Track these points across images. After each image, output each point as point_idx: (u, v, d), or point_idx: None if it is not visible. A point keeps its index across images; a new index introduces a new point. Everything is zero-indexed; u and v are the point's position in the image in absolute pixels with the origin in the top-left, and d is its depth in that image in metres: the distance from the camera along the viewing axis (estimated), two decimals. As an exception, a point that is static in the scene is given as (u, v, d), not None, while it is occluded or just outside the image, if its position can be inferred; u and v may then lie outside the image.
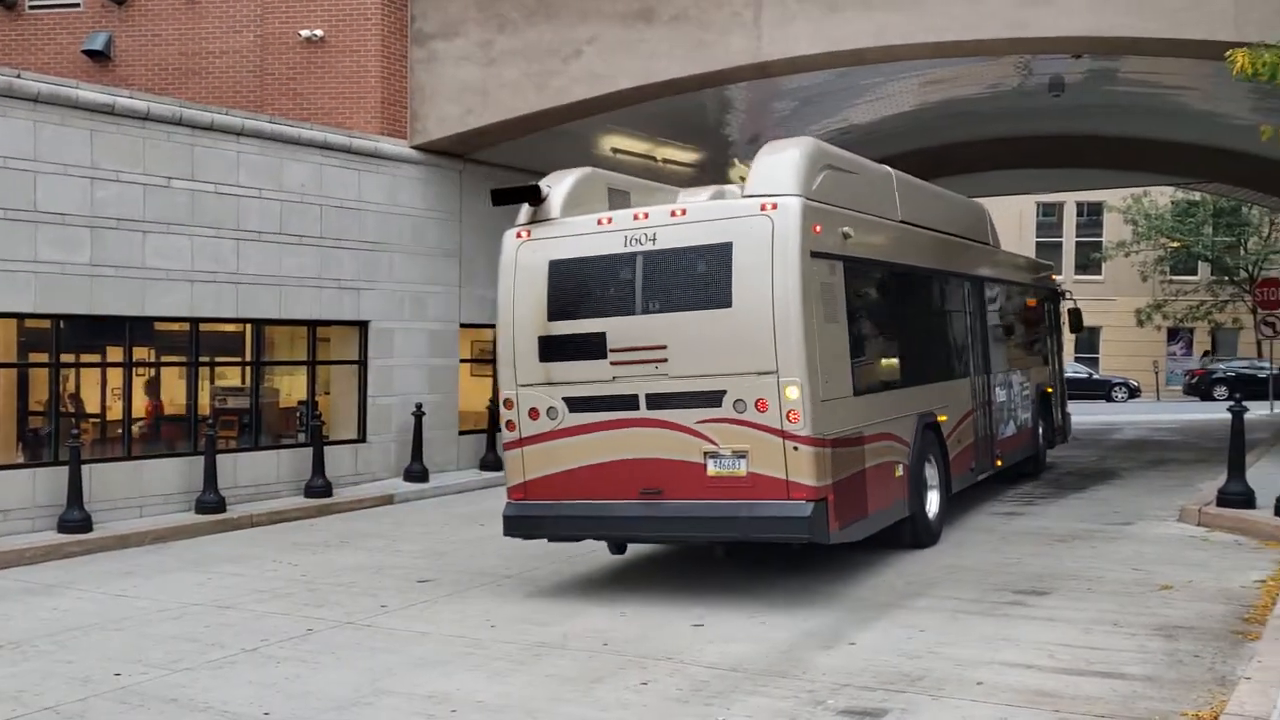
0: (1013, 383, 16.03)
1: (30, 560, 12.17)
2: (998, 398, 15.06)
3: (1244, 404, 13.27)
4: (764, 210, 9.38)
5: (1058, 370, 19.54)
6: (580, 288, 10.01)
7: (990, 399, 14.69)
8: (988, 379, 14.71)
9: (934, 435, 12.15)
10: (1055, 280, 20.97)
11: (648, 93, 17.18)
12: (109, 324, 14.24)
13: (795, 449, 9.19)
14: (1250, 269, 44.89)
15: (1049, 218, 49.81)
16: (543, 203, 10.35)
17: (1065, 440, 20.04)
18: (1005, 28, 15.32)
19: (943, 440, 12.40)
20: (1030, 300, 18.03)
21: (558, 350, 10.01)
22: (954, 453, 12.83)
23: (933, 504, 11.93)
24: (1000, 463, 15.05)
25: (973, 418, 13.85)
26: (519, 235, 10.32)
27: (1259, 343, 36.94)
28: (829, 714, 6.64)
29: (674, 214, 9.81)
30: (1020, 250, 26.74)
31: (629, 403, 9.73)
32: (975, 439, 13.88)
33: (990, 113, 24.52)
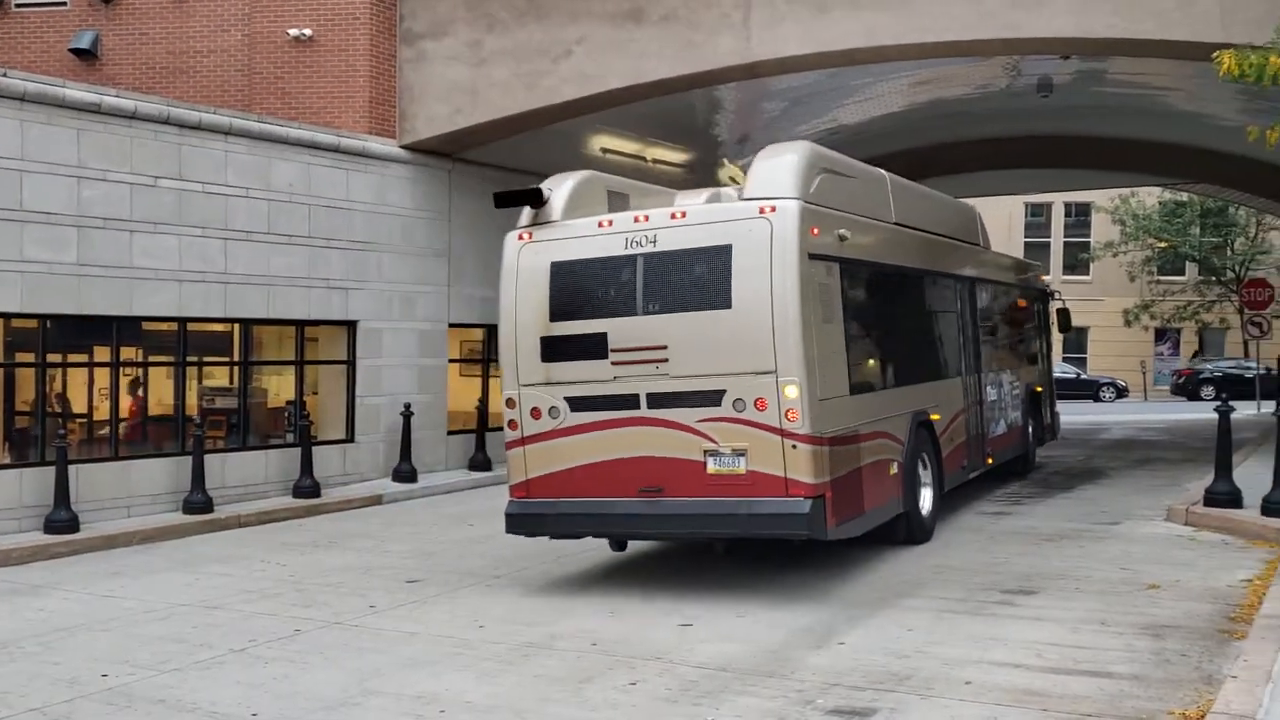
0: (1003, 382, 16.20)
1: (17, 561, 12.11)
2: (989, 397, 15.24)
3: (1230, 404, 13.32)
4: (763, 213, 9.54)
5: (1047, 370, 19.78)
6: (582, 289, 10.17)
7: (981, 398, 14.86)
8: (979, 378, 14.87)
9: (927, 434, 12.29)
10: (1044, 280, 21.11)
11: (637, 93, 17.18)
12: (96, 324, 14.19)
13: (794, 447, 9.33)
14: (1237, 269, 45.06)
15: (1037, 218, 49.95)
16: (544, 205, 10.49)
17: (1054, 438, 20.26)
18: (994, 28, 15.36)
19: (936, 438, 12.57)
20: (1020, 300, 18.22)
21: (559, 350, 10.16)
22: (946, 451, 12.98)
23: (926, 501, 12.09)
24: (991, 461, 15.21)
25: (964, 416, 14.01)
26: (521, 237, 10.48)
27: (1246, 343, 37.06)
28: (818, 714, 6.65)
29: (674, 216, 9.97)
30: (1009, 250, 26.84)
31: (630, 402, 9.88)
32: (967, 437, 14.04)
33: (979, 113, 24.57)
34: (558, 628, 8.84)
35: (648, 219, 10.03)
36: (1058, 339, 23.76)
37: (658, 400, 9.78)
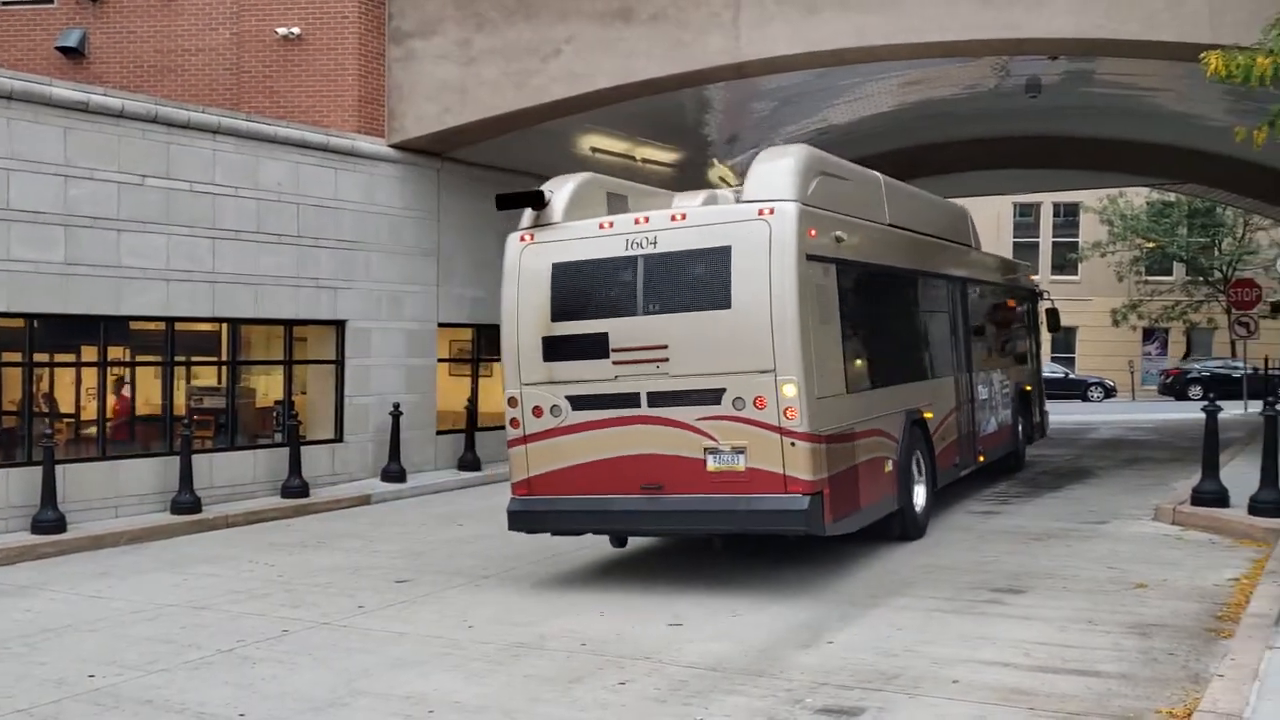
0: (994, 381, 16.39)
1: (3, 561, 12.05)
2: (980, 395, 15.43)
3: (1218, 404, 13.41)
4: (761, 215, 9.71)
5: (1036, 369, 19.99)
6: (583, 289, 10.33)
7: (973, 397, 15.06)
8: (970, 377, 15.06)
9: (921, 431, 12.47)
10: (1033, 281, 21.24)
11: (626, 92, 17.17)
12: (83, 323, 14.13)
13: (792, 444, 9.49)
14: (1224, 269, 45.24)
15: (1026, 218, 50.07)
16: (545, 207, 10.62)
17: (1044, 436, 20.48)
18: (983, 29, 15.39)
19: (929, 436, 12.74)
20: (1010, 300, 18.42)
21: (561, 350, 10.30)
22: (939, 448, 13.17)
23: (920, 498, 12.27)
24: (983, 458, 15.42)
25: (957, 415, 14.19)
26: (523, 239, 10.62)
27: (1233, 343, 37.23)
28: (807, 713, 6.66)
29: (674, 218, 10.12)
30: (997, 250, 26.89)
31: (631, 400, 10.04)
32: (959, 435, 14.22)
33: (968, 114, 24.62)
34: (547, 627, 8.83)
35: (648, 221, 10.18)
36: (1046, 339, 23.87)
37: (658, 399, 9.94)
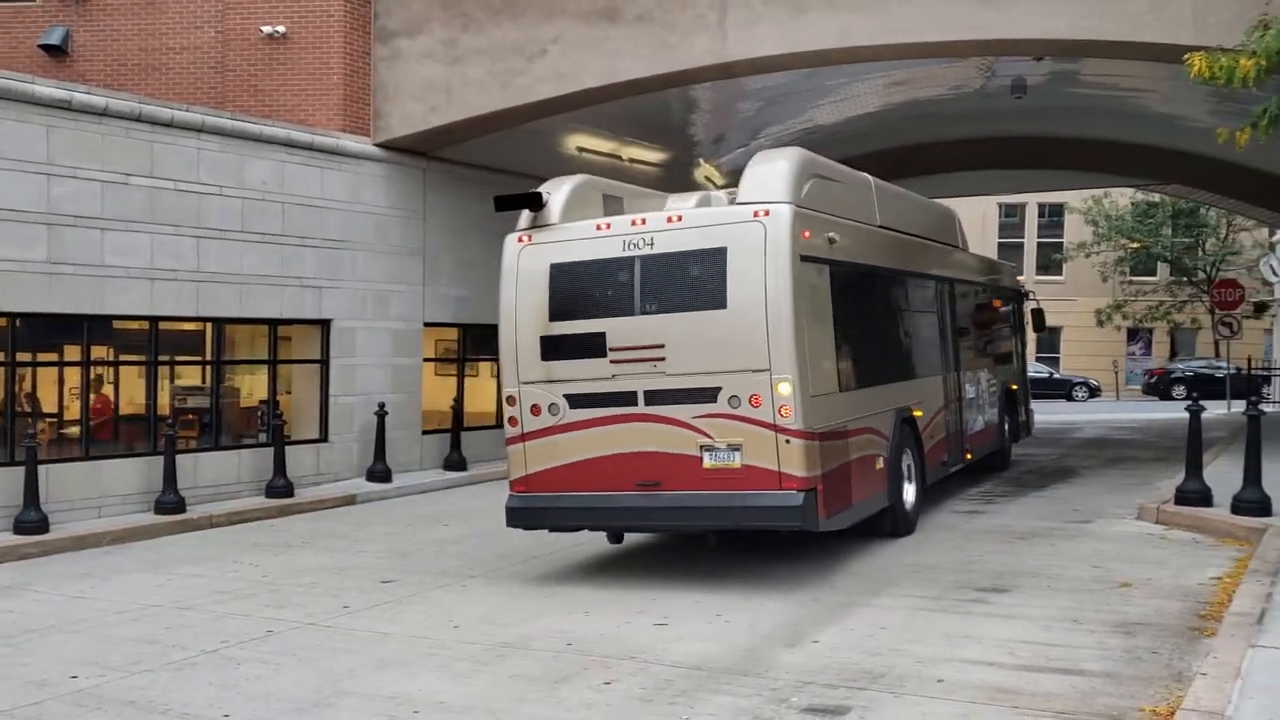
0: (981, 380, 16.62)
1: (-15, 562, 11.99)
2: (968, 394, 15.64)
3: (1201, 403, 13.47)
4: (757, 217, 9.89)
5: (1022, 368, 20.22)
6: (580, 290, 10.49)
7: (961, 395, 15.27)
8: (958, 376, 15.26)
9: (910, 429, 12.64)
10: (1019, 281, 21.39)
11: (612, 92, 17.16)
12: (67, 322, 14.05)
13: (787, 442, 9.67)
14: (1208, 270, 45.47)
15: (1011, 218, 50.24)
16: (543, 209, 10.75)
17: (1029, 435, 20.64)
18: (969, 29, 15.43)
19: (918, 434, 12.93)
20: (997, 301, 18.66)
21: (559, 349, 10.45)
22: (928, 446, 13.35)
23: (910, 495, 12.46)
24: (970, 456, 15.63)
25: (945, 413, 14.38)
26: (520, 240, 10.76)
27: (1216, 343, 37.41)
28: (792, 712, 6.66)
29: (670, 219, 10.28)
30: (983, 251, 26.97)
31: (628, 399, 10.20)
32: (947, 433, 14.42)
33: (953, 114, 24.67)
34: (533, 627, 8.82)
35: (645, 222, 10.35)
36: (1032, 339, 23.96)
37: (655, 397, 10.10)
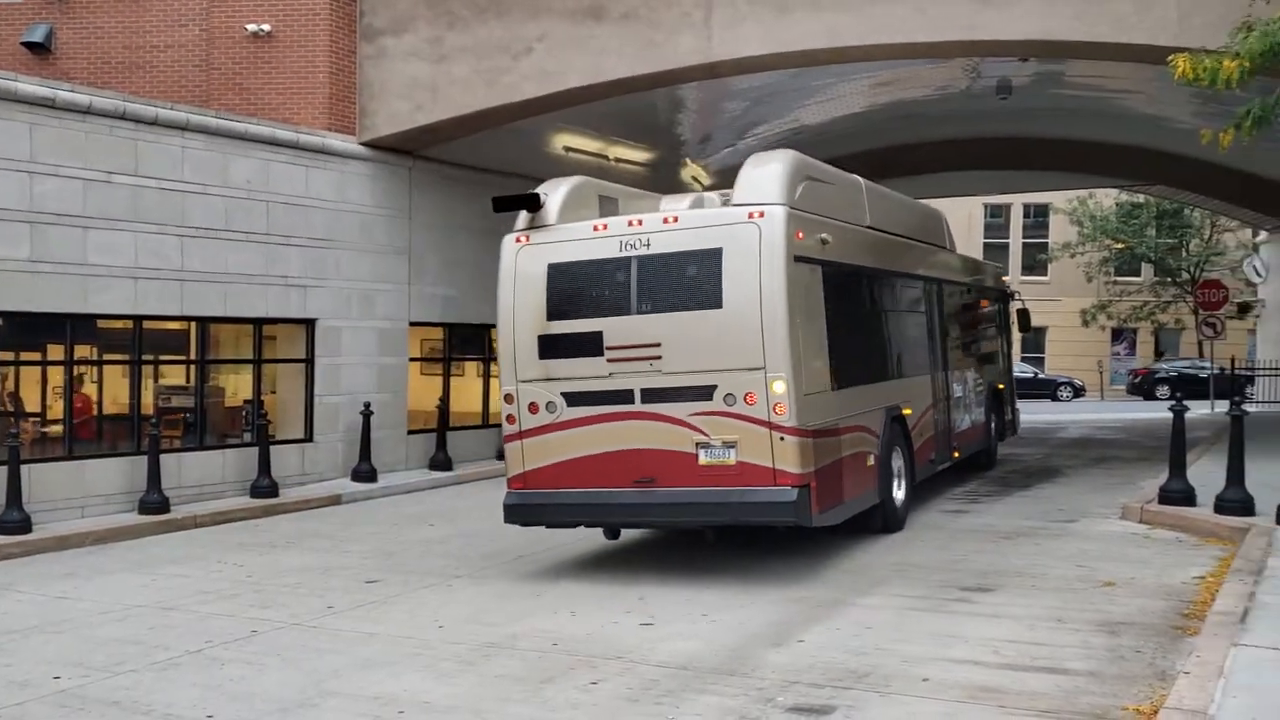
0: (968, 379, 16.82)
1: (-33, 562, 11.92)
2: (955, 393, 15.83)
3: (1185, 403, 13.54)
4: (752, 218, 10.07)
5: (1008, 368, 20.40)
6: (578, 289, 10.65)
7: (949, 394, 15.45)
8: (946, 375, 15.43)
9: (900, 428, 12.81)
10: (1005, 282, 21.49)
11: (598, 91, 17.14)
12: (49, 321, 13.97)
13: (781, 439, 9.84)
14: (1192, 270, 45.66)
15: (996, 219, 50.37)
16: (540, 209, 10.90)
17: (1015, 434, 20.82)
18: (954, 30, 15.46)
19: (908, 432, 13.09)
20: (984, 301, 18.85)
21: (556, 348, 10.60)
22: (917, 444, 13.53)
23: (900, 491, 12.63)
24: (957, 454, 15.83)
25: (933, 412, 14.56)
26: (518, 240, 10.93)
27: (1200, 343, 37.58)
28: (778, 711, 6.66)
29: (666, 221, 10.45)
30: (968, 251, 27.03)
31: (625, 397, 10.36)
32: (936, 432, 14.60)
33: (939, 115, 24.72)
34: (518, 627, 8.81)
35: (641, 223, 10.52)
36: (1017, 338, 24.06)
37: (651, 395, 10.26)
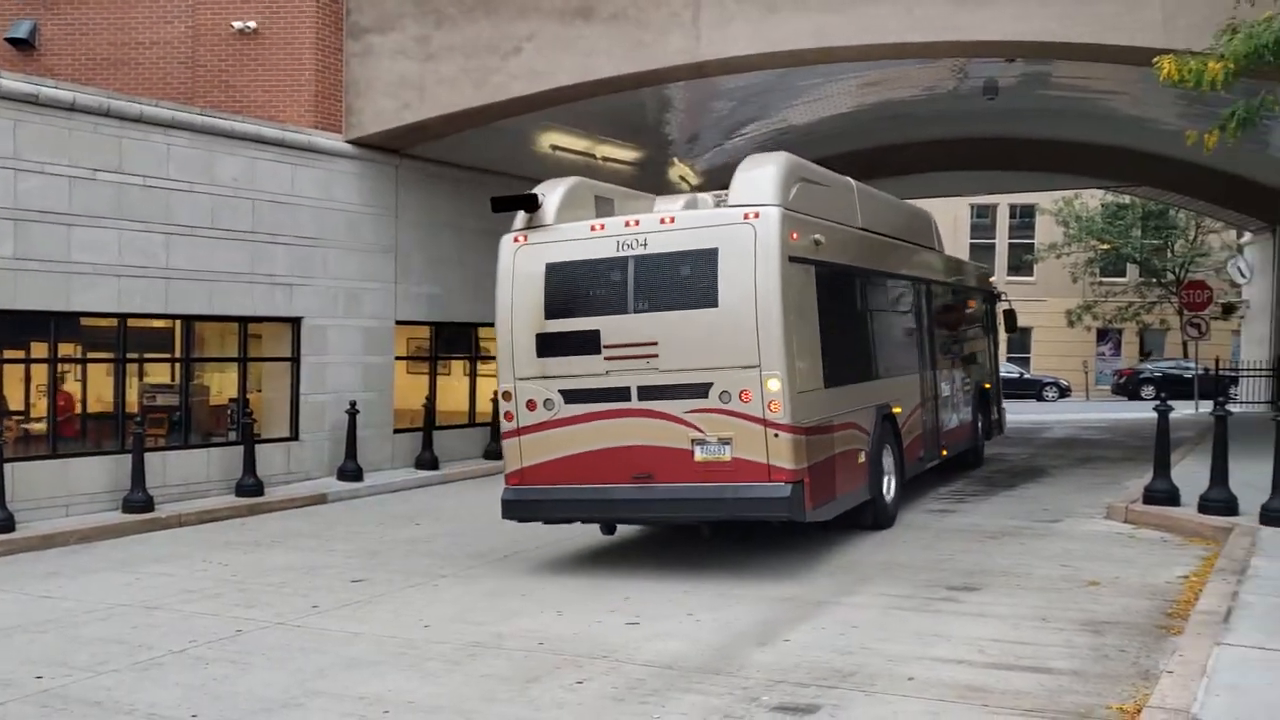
0: (956, 379, 17.01)
1: (-51, 561, 11.86)
2: (944, 392, 16.01)
3: (1169, 404, 13.60)
4: (747, 219, 10.27)
5: (994, 368, 20.56)
6: (575, 288, 10.82)
7: (937, 393, 15.62)
8: (935, 375, 15.59)
9: (890, 426, 12.96)
10: (992, 283, 21.59)
11: (586, 90, 17.12)
12: (33, 319, 13.90)
13: (776, 436, 10.02)
14: (1177, 271, 45.87)
15: (983, 219, 50.49)
16: (538, 210, 11.04)
17: (1001, 433, 20.97)
18: (941, 30, 15.50)
19: (898, 430, 13.25)
20: (971, 301, 19.02)
21: (554, 346, 10.76)
22: (907, 442, 13.69)
23: (890, 489, 12.78)
24: (946, 452, 16.00)
25: (922, 410, 14.72)
26: (516, 240, 11.09)
27: (1185, 344, 37.73)
28: (763, 710, 6.67)
29: (663, 221, 10.62)
30: (955, 251, 27.10)
31: (622, 394, 10.52)
32: (924, 430, 14.76)
33: (926, 115, 24.77)
34: (504, 627, 8.80)
35: (638, 223, 10.67)
36: (1004, 339, 24.14)
37: (648, 393, 10.42)
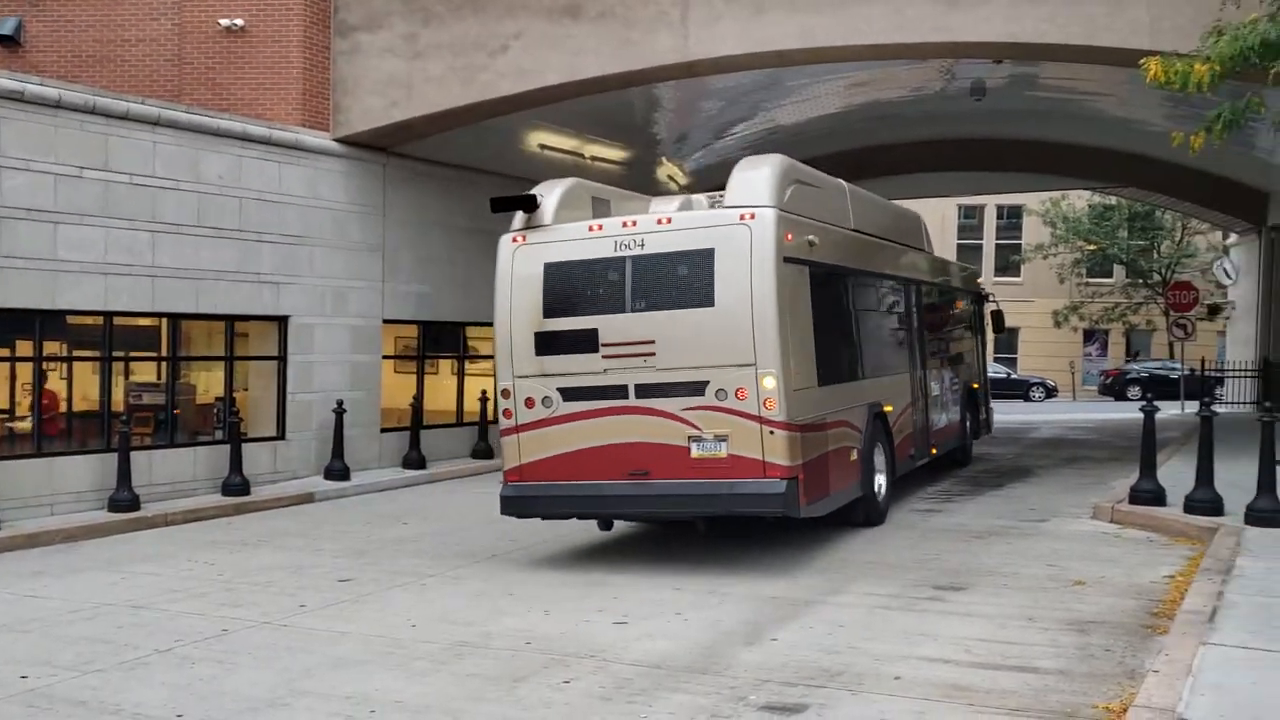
0: (945, 378, 17.17)
1: (-67, 560, 11.79)
2: (933, 392, 16.17)
3: (1156, 404, 13.64)
4: (743, 220, 10.47)
5: (983, 368, 20.78)
6: (574, 288, 10.97)
7: (927, 392, 15.78)
8: (925, 374, 15.76)
9: (882, 424, 13.12)
10: (980, 284, 21.71)
11: (574, 89, 17.11)
12: (18, 317, 13.83)
13: (771, 433, 10.21)
14: (1163, 272, 46.04)
15: (970, 220, 50.62)
16: (536, 210, 11.16)
17: (989, 433, 21.12)
18: (929, 31, 15.53)
19: (889, 429, 13.40)
20: (959, 302, 19.21)
21: (552, 345, 10.89)
22: (898, 440, 13.83)
23: (881, 486, 12.93)
24: (935, 451, 16.16)
25: (913, 409, 14.89)
26: (515, 240, 11.23)
27: (1171, 344, 37.89)
28: (750, 710, 6.67)
29: (660, 222, 10.79)
30: (942, 252, 27.17)
31: (619, 392, 10.67)
32: (915, 429, 14.93)
33: (914, 116, 24.82)
34: (492, 626, 8.79)
35: (636, 224, 10.83)
36: (991, 339, 24.21)
37: (645, 391, 10.58)
